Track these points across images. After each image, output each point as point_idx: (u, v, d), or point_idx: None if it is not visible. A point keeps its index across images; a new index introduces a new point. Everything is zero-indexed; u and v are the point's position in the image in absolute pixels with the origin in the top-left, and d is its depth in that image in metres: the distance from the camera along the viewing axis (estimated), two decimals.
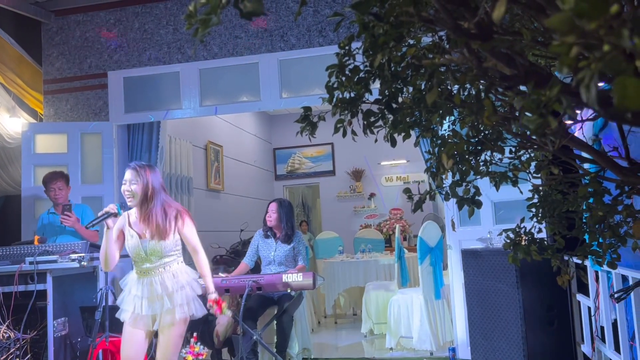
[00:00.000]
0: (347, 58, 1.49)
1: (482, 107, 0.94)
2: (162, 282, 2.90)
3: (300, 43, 5.15)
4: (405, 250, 6.00)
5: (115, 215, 2.96)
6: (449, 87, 1.44)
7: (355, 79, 1.48)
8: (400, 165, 9.74)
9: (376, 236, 8.15)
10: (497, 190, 1.60)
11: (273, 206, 4.77)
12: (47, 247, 4.08)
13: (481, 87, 1.34)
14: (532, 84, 0.81)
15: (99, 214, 2.98)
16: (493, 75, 0.94)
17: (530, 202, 1.61)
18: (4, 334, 3.96)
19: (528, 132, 1.45)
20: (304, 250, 4.87)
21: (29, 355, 3.94)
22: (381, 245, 7.89)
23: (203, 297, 3.10)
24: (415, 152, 7.72)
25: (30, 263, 3.91)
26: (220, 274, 4.64)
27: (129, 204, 2.97)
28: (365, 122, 1.59)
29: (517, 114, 1.27)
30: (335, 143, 9.98)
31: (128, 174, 2.93)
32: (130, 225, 2.99)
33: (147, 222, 2.93)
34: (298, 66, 5.17)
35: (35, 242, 4.20)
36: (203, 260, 3.10)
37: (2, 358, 3.92)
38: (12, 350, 3.93)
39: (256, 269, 4.99)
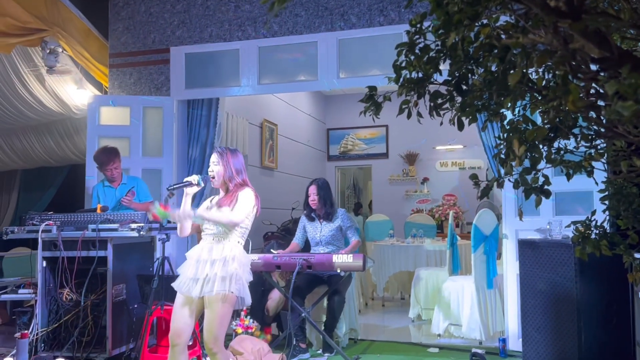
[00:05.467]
0: (417, 36, 1.45)
1: (567, 91, 0.89)
2: (210, 249, 2.98)
3: (361, 22, 5.08)
4: (458, 237, 5.89)
5: (195, 184, 3.12)
6: (523, 70, 1.38)
7: (425, 59, 1.44)
8: (456, 150, 9.53)
9: (428, 221, 8.04)
10: (568, 180, 1.52)
11: (313, 189, 4.77)
12: (108, 215, 4.23)
13: (559, 71, 1.27)
14: (627, 68, 0.75)
15: (184, 180, 3.15)
16: (582, 57, 0.89)
17: (604, 194, 1.53)
18: (67, 296, 4.16)
19: (604, 120, 1.37)
20: (353, 225, 4.83)
21: (89, 318, 4.13)
22: (433, 231, 7.78)
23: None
24: (473, 137, 7.52)
25: (93, 230, 4.08)
26: (272, 251, 4.70)
27: (213, 185, 3.18)
28: (432, 104, 1.54)
29: (599, 101, 1.20)
30: (390, 125, 9.85)
31: (213, 157, 3.17)
32: (211, 201, 3.22)
33: (227, 198, 3.10)
34: (357, 46, 5.11)
35: (98, 211, 4.36)
36: (227, 213, 3.01)
37: (65, 319, 4.12)
38: (74, 312, 4.13)
39: (307, 247, 5.03)
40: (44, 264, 4.20)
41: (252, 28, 5.37)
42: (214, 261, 2.93)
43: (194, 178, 3.12)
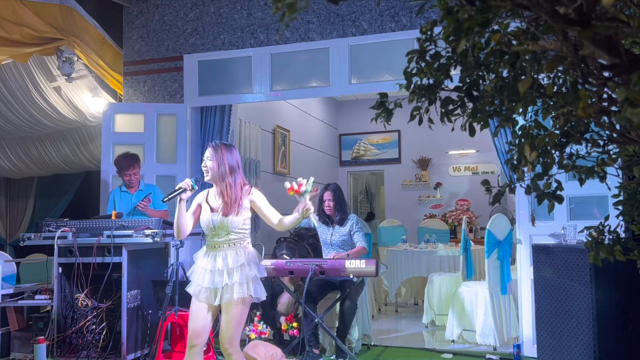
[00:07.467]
0: (428, 43, 1.46)
1: (577, 97, 0.89)
2: (224, 257, 2.98)
3: (372, 28, 5.09)
4: (472, 243, 5.86)
5: (190, 190, 3.09)
6: (534, 75, 1.38)
7: (436, 65, 1.44)
8: (469, 155, 9.49)
9: (441, 227, 8.00)
10: (581, 185, 1.52)
11: (329, 195, 4.77)
12: (123, 222, 4.27)
13: (570, 77, 1.27)
14: (638, 74, 0.75)
15: (175, 187, 3.13)
16: (591, 64, 0.89)
17: (617, 200, 1.52)
18: (83, 302, 4.20)
19: (618, 126, 1.36)
20: (362, 231, 4.83)
21: (104, 324, 4.17)
22: (446, 236, 7.75)
23: (266, 281, 3.15)
24: (486, 141, 7.49)
25: (108, 237, 4.12)
26: (285, 256, 4.72)
27: (205, 178, 3.12)
28: (443, 110, 1.55)
29: (610, 106, 1.20)
30: (402, 130, 9.84)
31: (207, 152, 3.12)
32: (207, 200, 3.14)
33: (221, 197, 3.07)
34: (369, 52, 5.12)
35: (113, 217, 4.41)
36: (285, 218, 3.08)
37: (80, 324, 4.17)
38: (89, 318, 4.17)
39: (318, 253, 5.03)
40: (60, 270, 4.25)
41: (264, 35, 5.41)
42: (231, 270, 2.95)
43: (188, 184, 3.08)
